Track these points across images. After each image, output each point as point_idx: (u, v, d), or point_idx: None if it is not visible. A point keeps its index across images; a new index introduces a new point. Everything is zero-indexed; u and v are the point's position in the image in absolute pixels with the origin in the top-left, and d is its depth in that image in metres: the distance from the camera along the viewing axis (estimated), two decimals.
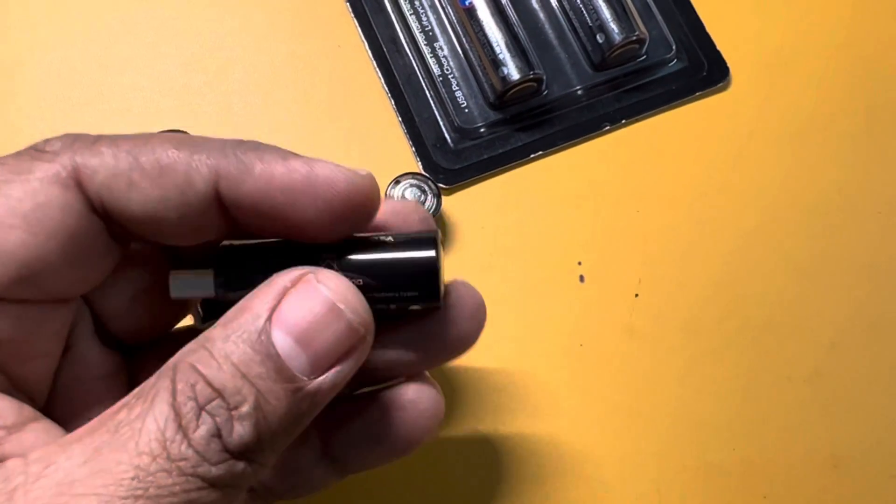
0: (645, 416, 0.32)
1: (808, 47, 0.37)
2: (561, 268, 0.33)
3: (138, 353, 0.24)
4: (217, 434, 0.18)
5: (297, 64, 0.34)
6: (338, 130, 0.34)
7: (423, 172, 0.33)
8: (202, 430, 0.17)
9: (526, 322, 0.32)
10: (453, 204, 0.33)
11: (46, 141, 0.20)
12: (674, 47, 0.36)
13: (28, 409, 0.20)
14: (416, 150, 0.34)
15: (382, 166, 0.33)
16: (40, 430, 0.19)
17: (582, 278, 0.33)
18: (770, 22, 0.37)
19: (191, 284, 0.21)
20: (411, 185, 0.32)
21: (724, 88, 0.36)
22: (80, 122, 0.33)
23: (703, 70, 0.36)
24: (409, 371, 0.23)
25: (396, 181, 0.32)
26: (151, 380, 0.18)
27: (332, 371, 0.19)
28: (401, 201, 0.23)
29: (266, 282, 0.19)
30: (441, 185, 0.33)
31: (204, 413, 0.18)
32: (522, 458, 0.31)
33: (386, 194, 0.32)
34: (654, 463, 0.31)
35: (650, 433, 0.32)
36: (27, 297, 0.20)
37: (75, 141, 0.20)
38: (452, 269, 0.33)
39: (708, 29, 0.36)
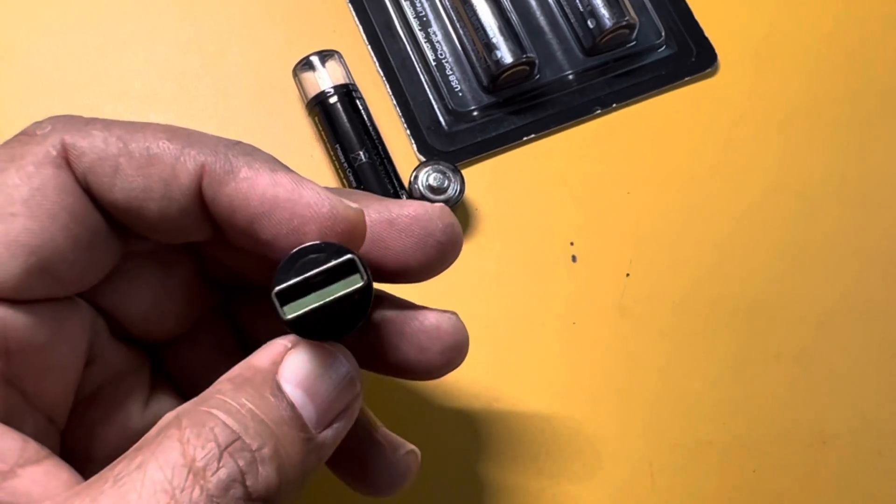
0: (637, 394, 0.32)
1: (795, 34, 0.38)
2: (553, 248, 0.34)
3: (162, 349, 0.23)
4: (239, 479, 0.16)
5: (293, 48, 0.34)
6: None
7: (444, 161, 0.33)
8: (222, 474, 0.16)
9: (519, 301, 0.33)
10: None
11: (37, 124, 0.20)
12: (663, 33, 0.36)
13: (32, 448, 0.18)
14: (411, 132, 0.34)
15: None
16: (39, 474, 0.18)
17: (574, 258, 0.34)
18: (757, 8, 0.38)
19: None
20: (435, 171, 0.32)
21: (713, 74, 0.37)
22: (77, 105, 0.34)
23: (692, 56, 0.36)
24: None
25: (416, 173, 0.32)
26: (152, 431, 0.17)
27: (333, 426, 0.19)
28: (422, 205, 0.22)
29: (265, 346, 0.19)
30: None
31: (226, 455, 0.16)
32: (516, 435, 0.31)
33: (409, 183, 0.32)
34: (646, 440, 0.32)
35: (642, 410, 0.32)
36: (39, 292, 0.19)
37: (67, 122, 0.20)
38: None
39: (696, 15, 0.37)
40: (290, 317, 0.18)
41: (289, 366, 0.19)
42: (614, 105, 0.35)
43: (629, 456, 0.32)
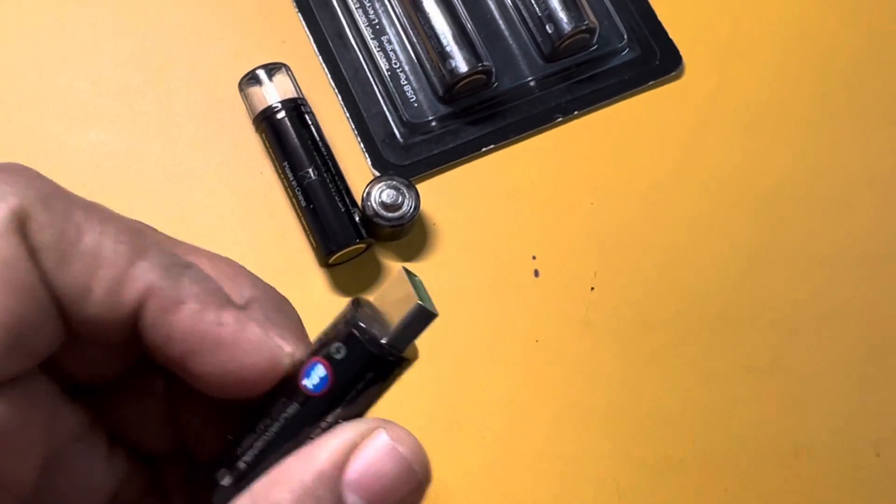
0: (603, 412, 0.31)
1: (761, 35, 0.37)
2: (515, 263, 0.33)
3: (107, 395, 0.22)
4: None
5: (241, 61, 0.33)
6: None
7: (398, 176, 0.32)
8: None
9: (480, 318, 0.32)
10: None
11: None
12: (625, 36, 0.35)
13: None
14: (365, 146, 0.33)
15: None
16: None
17: (536, 273, 0.33)
18: (722, 9, 0.37)
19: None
20: (388, 187, 0.31)
21: (678, 77, 0.35)
22: (15, 126, 0.32)
23: (656, 59, 0.35)
24: None
25: (369, 190, 0.31)
26: None
27: None
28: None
29: (331, 433, 0.18)
30: None
31: None
32: (478, 457, 0.30)
33: (362, 200, 0.31)
34: (614, 459, 0.31)
35: (608, 429, 0.31)
36: (11, 370, 0.17)
37: (29, 186, 0.18)
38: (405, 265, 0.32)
39: (660, 17, 0.36)
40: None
41: (357, 469, 0.17)
42: (576, 112, 0.34)
43: (595, 476, 0.31)
